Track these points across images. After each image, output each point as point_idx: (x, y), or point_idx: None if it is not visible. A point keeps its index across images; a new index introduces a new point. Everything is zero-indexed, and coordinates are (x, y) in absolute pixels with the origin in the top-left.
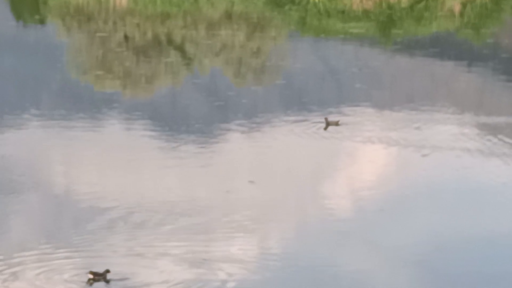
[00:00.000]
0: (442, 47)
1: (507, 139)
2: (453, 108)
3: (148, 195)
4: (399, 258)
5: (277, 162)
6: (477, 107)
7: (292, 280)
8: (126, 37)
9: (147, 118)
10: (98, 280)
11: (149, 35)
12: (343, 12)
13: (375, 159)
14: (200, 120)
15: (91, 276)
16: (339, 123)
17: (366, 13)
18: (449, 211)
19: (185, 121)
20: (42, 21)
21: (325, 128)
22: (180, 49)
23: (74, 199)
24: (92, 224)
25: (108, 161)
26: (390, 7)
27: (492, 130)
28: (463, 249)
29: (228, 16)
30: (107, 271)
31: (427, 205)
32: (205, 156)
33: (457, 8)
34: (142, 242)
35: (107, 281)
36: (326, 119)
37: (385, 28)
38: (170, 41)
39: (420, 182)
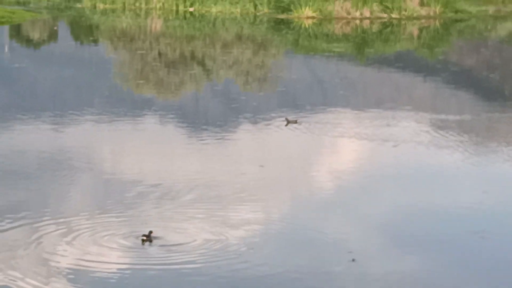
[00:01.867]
0: (404, 63)
1: (453, 134)
2: (412, 109)
3: (176, 175)
4: (372, 224)
5: (278, 151)
6: (431, 108)
7: (288, 239)
8: (160, 54)
9: (176, 116)
10: (147, 240)
11: (178, 52)
12: (327, 35)
13: (354, 149)
14: (219, 118)
15: (144, 238)
16: (298, 121)
17: (345, 36)
18: (411, 188)
19: (206, 119)
20: (95, 42)
21: (286, 125)
22: (201, 63)
23: (118, 177)
24: (132, 195)
25: (146, 149)
26: (364, 31)
27: (442, 126)
28: (422, 217)
29: (239, 38)
30: (151, 232)
31: (395, 184)
32: (223, 146)
33: (415, 32)
34: (172, 208)
35: (151, 241)
36: (286, 118)
37: (360, 48)
38: (193, 57)
39: (389, 166)
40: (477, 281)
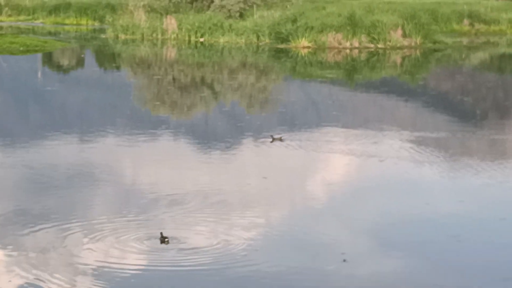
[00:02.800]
0: (389, 87)
1: (431, 150)
2: (395, 128)
3: (188, 185)
4: (362, 228)
5: (279, 164)
6: (412, 127)
7: (287, 241)
8: (174, 79)
9: (188, 134)
10: (166, 242)
11: (189, 77)
12: (321, 62)
13: (345, 163)
14: (226, 135)
15: (167, 239)
16: (282, 138)
17: (337, 64)
18: (395, 198)
19: (215, 136)
20: (117, 68)
21: (271, 142)
22: (210, 87)
23: (136, 186)
24: (148, 202)
25: (161, 162)
26: (353, 59)
27: (422, 143)
28: (405, 223)
29: (243, 64)
30: (161, 233)
31: (381, 194)
32: (229, 160)
33: (398, 60)
34: (183, 213)
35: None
36: (271, 135)
37: (350, 74)
38: (203, 82)
39: (376, 178)
40: (454, 279)
